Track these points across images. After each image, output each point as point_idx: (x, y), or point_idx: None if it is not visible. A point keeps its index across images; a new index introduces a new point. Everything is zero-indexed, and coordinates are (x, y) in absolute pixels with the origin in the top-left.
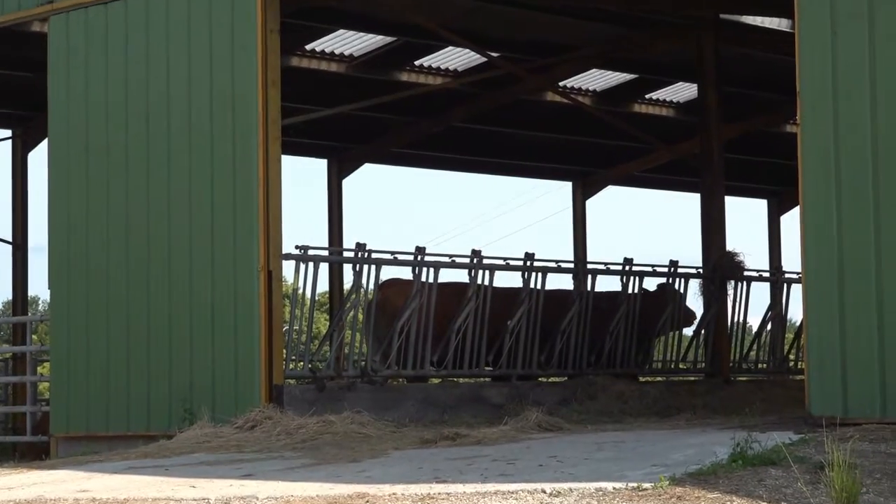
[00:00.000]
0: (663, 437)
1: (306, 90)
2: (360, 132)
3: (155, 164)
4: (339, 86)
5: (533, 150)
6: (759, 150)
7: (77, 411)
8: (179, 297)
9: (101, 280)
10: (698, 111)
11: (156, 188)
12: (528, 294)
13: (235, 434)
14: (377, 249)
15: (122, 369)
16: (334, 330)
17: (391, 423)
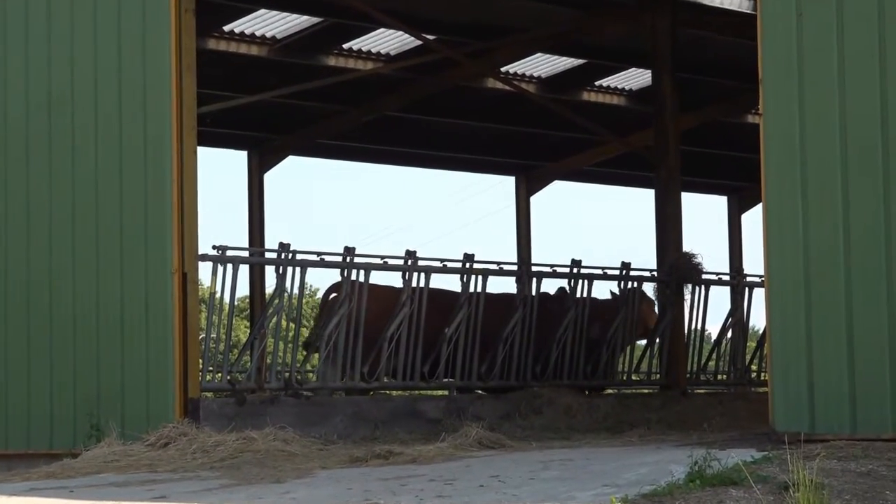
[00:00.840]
0: (615, 455)
1: (224, 75)
2: (283, 121)
3: (58, 158)
4: (260, 71)
5: (472, 142)
6: (719, 142)
7: None
8: (85, 302)
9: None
10: (652, 100)
11: (59, 183)
12: (467, 299)
13: (147, 452)
14: (302, 250)
15: (21, 380)
16: (255, 338)
17: (318, 439)
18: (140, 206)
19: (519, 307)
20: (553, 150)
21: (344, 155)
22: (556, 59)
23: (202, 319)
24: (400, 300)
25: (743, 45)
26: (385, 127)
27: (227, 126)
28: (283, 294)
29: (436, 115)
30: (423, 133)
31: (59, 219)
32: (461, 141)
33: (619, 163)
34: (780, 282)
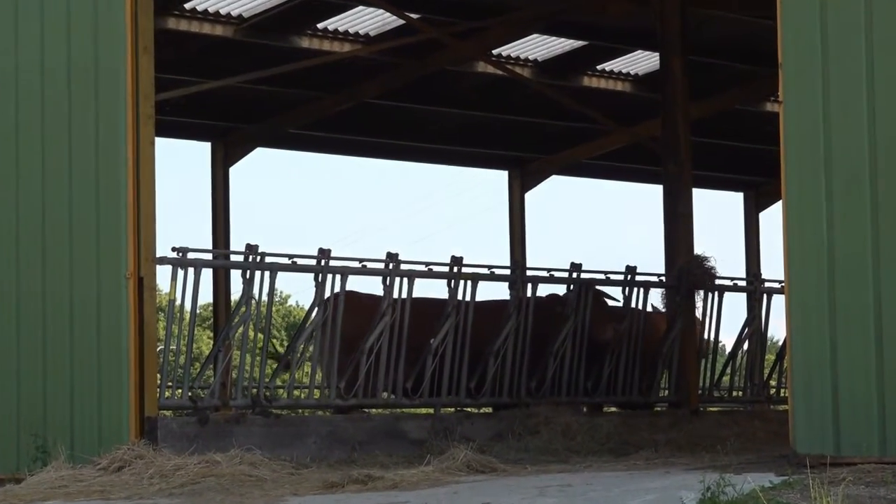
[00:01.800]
0: (618, 480)
1: (186, 59)
2: (250, 109)
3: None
4: (225, 53)
5: (461, 133)
6: (734, 132)
7: None
8: (30, 310)
9: None
10: (660, 86)
11: (1, 176)
12: (455, 307)
13: (99, 477)
14: (272, 252)
15: None
16: (220, 350)
17: (289, 463)
18: (91, 204)
19: (512, 315)
20: (550, 141)
21: (318, 147)
22: (553, 40)
23: (160, 329)
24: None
25: (761, 26)
26: (364, 116)
27: (189, 115)
28: (250, 301)
29: (420, 103)
30: (405, 122)
31: (1, 218)
32: (448, 131)
33: (624, 156)
34: (801, 288)
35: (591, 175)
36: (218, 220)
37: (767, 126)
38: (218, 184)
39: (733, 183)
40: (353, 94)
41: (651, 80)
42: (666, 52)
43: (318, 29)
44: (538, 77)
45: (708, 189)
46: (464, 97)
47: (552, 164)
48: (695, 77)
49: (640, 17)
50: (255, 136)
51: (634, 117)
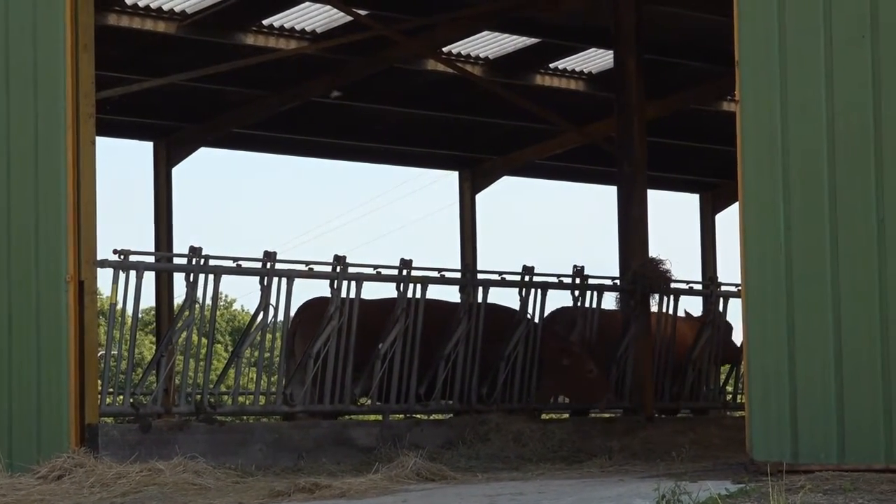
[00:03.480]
0: (572, 489)
1: (127, 56)
2: (194, 108)
3: None
4: (167, 50)
5: (410, 132)
6: (690, 132)
7: None
8: None
9: None
10: (615, 85)
11: None
12: (404, 310)
13: (38, 486)
14: (216, 255)
15: None
16: (162, 355)
17: (234, 471)
18: (30, 205)
19: (463, 319)
20: (502, 141)
21: (263, 146)
22: (505, 37)
23: (101, 334)
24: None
25: (717, 23)
26: (310, 114)
27: (130, 113)
28: (194, 305)
29: (368, 102)
30: (353, 121)
31: None
32: (397, 131)
33: (577, 156)
34: (758, 291)
35: (544, 176)
36: (161, 221)
37: (724, 126)
38: (161, 184)
39: (689, 184)
40: (299, 93)
41: (605, 78)
42: (620, 50)
43: (263, 25)
44: (489, 75)
45: (663, 190)
46: (413, 95)
47: (504, 164)
48: (650, 76)
49: (594, 14)
50: (199, 135)
51: (588, 117)
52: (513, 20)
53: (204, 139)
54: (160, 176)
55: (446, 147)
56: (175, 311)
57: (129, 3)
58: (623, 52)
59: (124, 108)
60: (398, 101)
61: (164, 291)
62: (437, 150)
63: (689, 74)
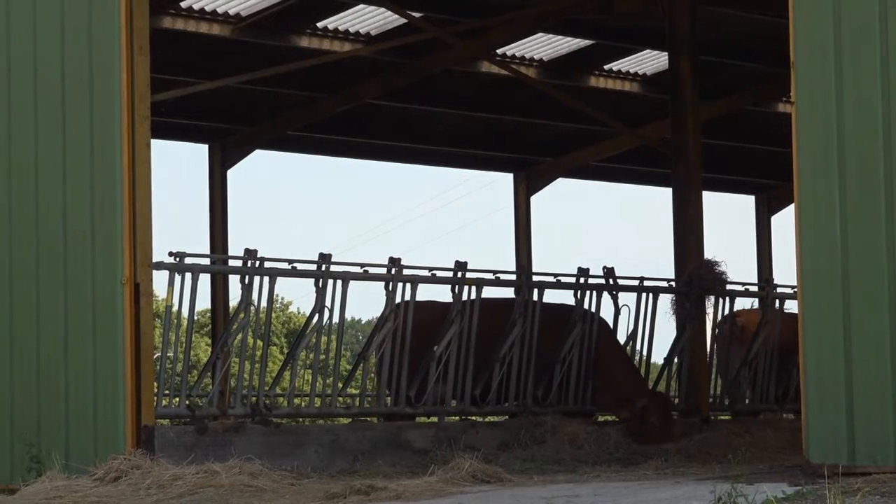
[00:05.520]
0: (627, 491)
1: (182, 58)
2: (249, 111)
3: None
4: (222, 53)
5: (464, 134)
6: (745, 134)
7: None
8: (23, 317)
9: None
10: (669, 86)
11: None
12: (459, 312)
13: (95, 488)
14: (271, 257)
15: None
16: (218, 357)
17: (289, 473)
18: (86, 208)
19: (518, 321)
20: (556, 143)
21: (318, 149)
22: (559, 39)
23: (157, 336)
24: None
25: (773, 24)
26: (364, 117)
27: (186, 116)
28: (249, 307)
29: (422, 104)
30: (407, 124)
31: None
32: (451, 133)
33: (632, 158)
34: (814, 293)
35: (599, 178)
36: (216, 223)
37: (779, 127)
38: (216, 186)
39: (745, 186)
40: (353, 95)
41: (660, 80)
42: (675, 52)
43: (317, 28)
44: (544, 77)
45: (719, 192)
46: (467, 98)
47: (558, 166)
48: (705, 77)
49: (649, 15)
50: (254, 137)
51: (643, 118)
52: (567, 22)
53: (259, 141)
54: (215, 178)
55: (501, 149)
56: (230, 313)
57: (185, 7)
58: (677, 53)
59: (180, 110)
60: (453, 104)
61: (220, 293)
62: (492, 153)
63: (744, 75)
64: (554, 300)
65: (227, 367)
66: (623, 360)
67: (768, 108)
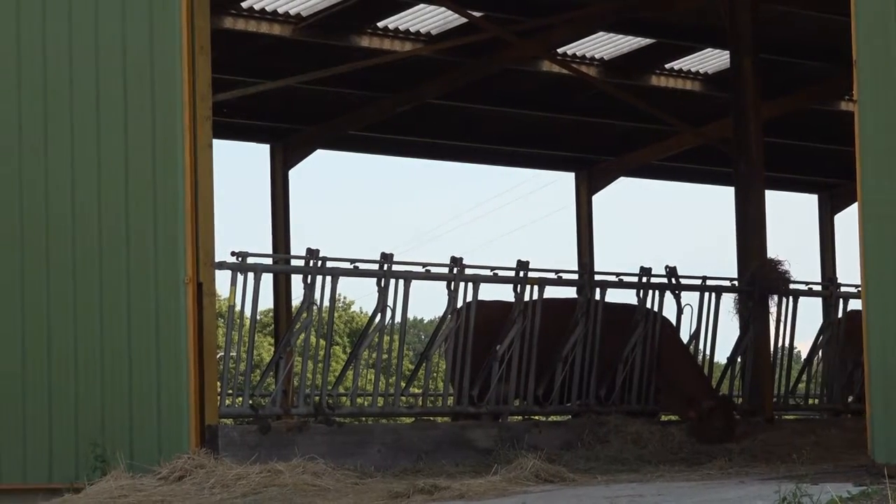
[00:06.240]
0: (691, 491)
1: (243, 59)
2: (310, 110)
3: (55, 152)
4: (283, 53)
5: (525, 133)
6: (807, 132)
7: None
8: (86, 316)
9: None
10: (731, 85)
11: (56, 182)
12: (521, 312)
13: (159, 487)
14: (333, 257)
15: (16, 406)
16: (281, 357)
17: (353, 472)
18: (148, 208)
19: (580, 321)
20: (618, 142)
21: (379, 148)
22: (620, 38)
23: (220, 336)
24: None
25: (834, 22)
26: (425, 116)
27: (247, 116)
28: (311, 307)
29: (483, 103)
30: (468, 123)
31: (57, 224)
32: (512, 132)
33: (694, 157)
34: (879, 292)
35: (661, 177)
36: (278, 223)
37: (842, 125)
38: (277, 186)
39: (807, 184)
40: (414, 95)
41: (721, 78)
42: (736, 50)
43: (378, 28)
44: (605, 76)
45: (781, 191)
46: (528, 97)
47: (620, 165)
48: (766, 76)
49: (710, 14)
50: (315, 137)
51: (704, 117)
52: (628, 21)
53: (320, 141)
54: (277, 178)
55: (562, 149)
56: (293, 312)
57: (245, 7)
58: (739, 52)
59: (241, 110)
60: (513, 103)
61: (282, 293)
62: (553, 152)
63: (806, 74)
64: (616, 299)
65: (290, 366)
66: (686, 359)
67: (831, 106)
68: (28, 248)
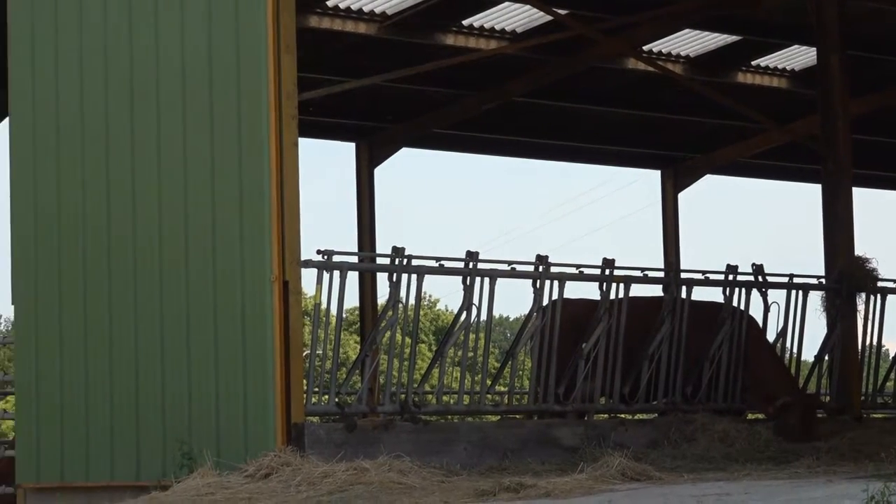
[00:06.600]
0: (779, 489)
1: (329, 57)
2: (395, 109)
3: (141, 150)
4: (368, 51)
5: (611, 131)
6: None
7: (49, 456)
8: (173, 315)
9: (76, 294)
10: (818, 82)
11: (143, 180)
12: (607, 310)
13: (246, 484)
14: (419, 255)
15: (104, 404)
16: (367, 355)
17: (439, 470)
18: (234, 206)
19: (667, 319)
20: (704, 139)
21: (464, 146)
22: (706, 35)
23: (306, 334)
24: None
25: None
26: (510, 114)
27: (333, 114)
28: (397, 305)
29: (568, 101)
30: (553, 121)
31: (144, 222)
32: (597, 130)
33: (781, 154)
34: None
35: (747, 174)
36: (363, 221)
37: None
38: (363, 184)
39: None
40: (499, 93)
41: (808, 75)
42: (823, 47)
43: (463, 26)
44: (690, 73)
45: (869, 188)
46: (613, 95)
47: (706, 163)
48: (854, 72)
49: (796, 10)
50: (400, 136)
51: (791, 114)
52: (714, 18)
53: (405, 139)
54: (362, 176)
55: (647, 146)
56: (378, 310)
57: (331, 5)
58: (826, 48)
59: (327, 109)
60: (598, 101)
61: (368, 291)
62: (639, 149)
63: (894, 70)
64: (702, 298)
65: (375, 364)
66: (771, 358)
67: None
68: (115, 250)
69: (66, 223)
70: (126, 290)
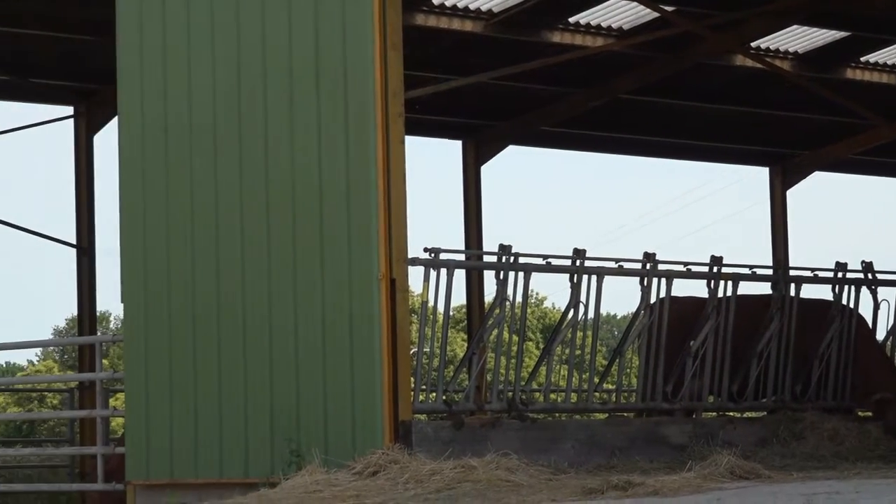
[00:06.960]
0: (889, 488)
1: (435, 55)
2: (502, 107)
3: (249, 149)
4: (475, 49)
5: (718, 128)
6: None
7: (159, 453)
8: (282, 313)
9: (185, 292)
10: None
11: (250, 178)
12: (715, 307)
13: (353, 482)
14: (526, 253)
15: (213, 402)
16: (474, 353)
17: (546, 468)
18: (342, 205)
19: (775, 317)
20: (813, 136)
21: (571, 144)
22: (814, 31)
23: (413, 332)
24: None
25: None
26: (617, 111)
27: (439, 112)
28: (504, 302)
29: (675, 98)
30: (660, 118)
31: (252, 222)
32: (705, 127)
33: (890, 151)
34: None
35: (857, 171)
36: (470, 219)
37: None
38: (470, 182)
39: None
40: (606, 90)
41: None
42: None
43: (569, 23)
44: (799, 70)
45: None
46: (721, 92)
47: (814, 159)
48: None
49: None
50: (507, 133)
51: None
52: (822, 14)
53: (512, 137)
54: (469, 174)
55: (755, 143)
56: (485, 308)
57: (437, 3)
58: None
59: (433, 107)
60: (706, 98)
61: (475, 289)
62: (747, 146)
63: None
64: (811, 295)
65: (483, 362)
66: (880, 356)
67: None
68: (223, 248)
69: (174, 223)
70: (234, 290)
